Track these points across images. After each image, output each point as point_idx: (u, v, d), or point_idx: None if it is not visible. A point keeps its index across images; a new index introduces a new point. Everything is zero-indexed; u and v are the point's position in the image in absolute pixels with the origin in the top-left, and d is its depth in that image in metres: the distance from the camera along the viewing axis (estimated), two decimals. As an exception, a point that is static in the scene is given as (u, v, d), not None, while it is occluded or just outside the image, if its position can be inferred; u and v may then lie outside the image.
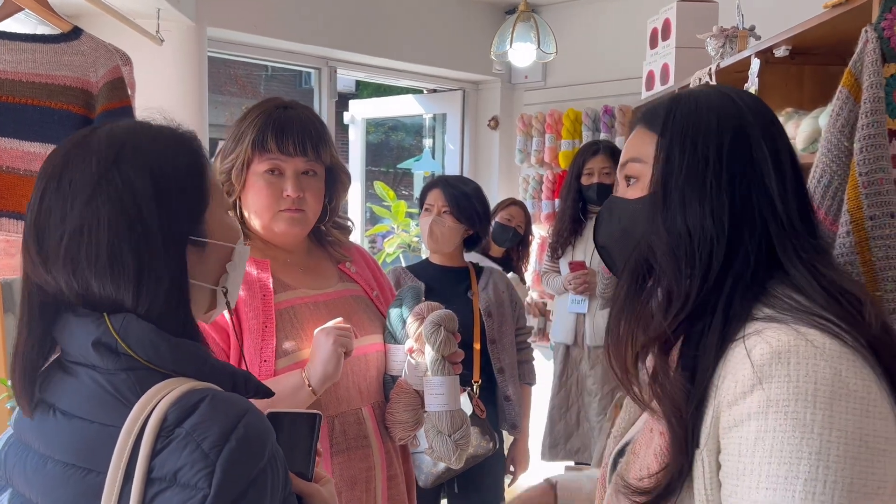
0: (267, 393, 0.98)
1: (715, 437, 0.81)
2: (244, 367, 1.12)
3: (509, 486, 2.68)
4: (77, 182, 0.87)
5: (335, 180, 1.62)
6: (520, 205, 3.92)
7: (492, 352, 2.52)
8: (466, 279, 2.59)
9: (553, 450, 3.61)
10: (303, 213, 1.53)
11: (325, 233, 1.68)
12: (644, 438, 0.93)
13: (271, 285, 1.51)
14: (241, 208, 1.56)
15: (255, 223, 1.55)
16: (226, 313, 1.11)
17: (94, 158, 0.88)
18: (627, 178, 0.99)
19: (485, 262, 3.36)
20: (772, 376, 0.76)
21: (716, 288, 0.86)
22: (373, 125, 8.19)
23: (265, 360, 1.45)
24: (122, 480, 0.81)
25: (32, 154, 1.81)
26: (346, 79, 6.84)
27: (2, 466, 0.94)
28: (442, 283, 2.55)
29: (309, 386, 1.41)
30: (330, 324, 1.46)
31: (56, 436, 0.88)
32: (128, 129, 0.94)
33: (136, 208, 0.87)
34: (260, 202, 1.52)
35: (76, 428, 0.87)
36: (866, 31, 1.37)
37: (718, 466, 0.81)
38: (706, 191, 0.87)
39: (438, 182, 2.58)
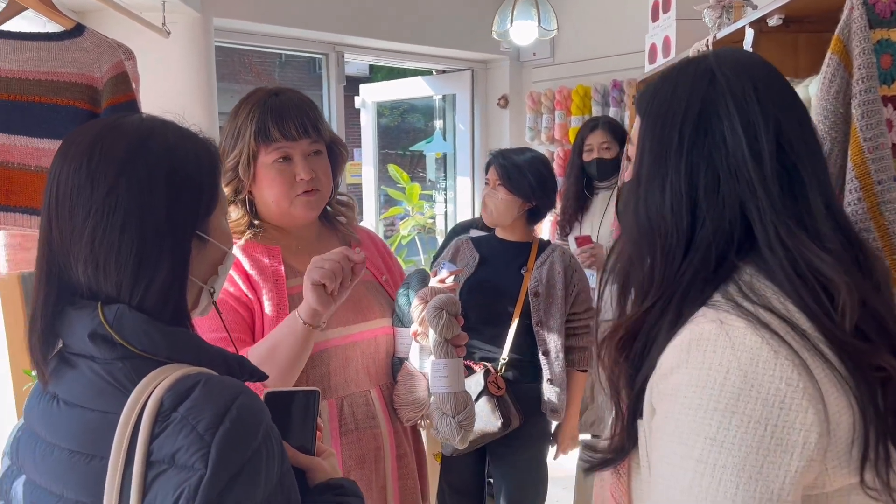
0: (261, 376, 1.02)
1: (651, 409, 0.83)
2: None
3: (555, 458, 2.61)
4: (105, 163, 0.91)
5: (335, 156, 1.64)
6: None
7: (537, 333, 2.44)
8: (525, 254, 2.51)
9: None
10: (318, 192, 1.56)
11: (334, 212, 1.70)
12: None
13: (283, 271, 1.55)
14: (250, 201, 1.58)
15: (272, 212, 1.57)
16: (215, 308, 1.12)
17: (124, 142, 0.92)
18: (628, 159, 1.00)
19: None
20: (687, 362, 0.78)
21: (676, 277, 0.85)
22: (386, 108, 8.20)
23: None
24: (123, 464, 0.85)
25: (42, 150, 1.85)
26: (360, 63, 6.84)
27: (15, 454, 0.99)
28: (498, 257, 2.52)
29: (301, 320, 1.39)
30: (328, 254, 1.40)
31: (60, 424, 0.92)
32: (158, 121, 0.98)
33: (150, 195, 0.90)
34: (275, 190, 1.53)
35: (78, 416, 0.91)
36: (851, -1, 1.37)
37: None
38: (667, 179, 0.85)
39: (495, 155, 2.52)
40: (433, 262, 2.85)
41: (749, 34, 1.86)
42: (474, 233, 2.75)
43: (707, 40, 2.12)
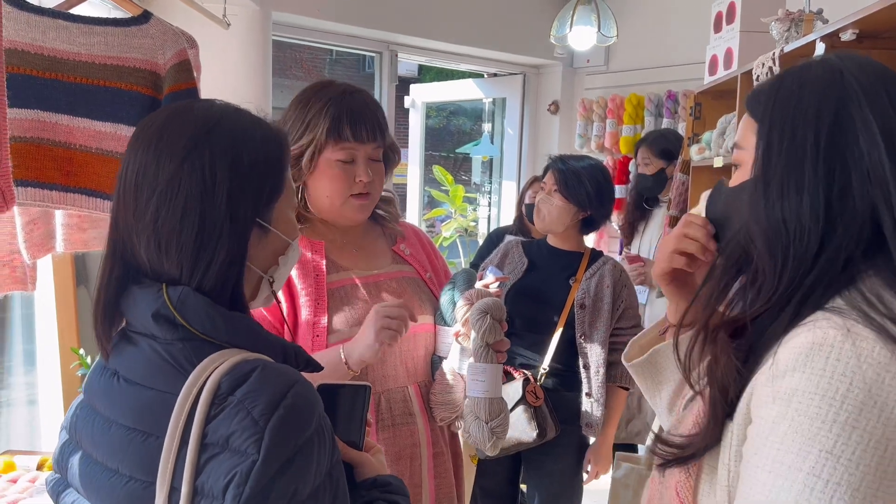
0: (316, 367, 1.02)
1: (746, 411, 0.80)
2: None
3: (586, 482, 2.55)
4: (172, 145, 0.92)
5: (388, 159, 1.66)
6: None
7: (579, 345, 2.39)
8: (575, 264, 2.47)
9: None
10: (370, 197, 1.58)
11: (378, 210, 1.71)
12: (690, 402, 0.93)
13: (324, 266, 1.56)
14: (303, 192, 1.60)
15: (324, 207, 1.58)
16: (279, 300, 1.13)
17: (191, 126, 0.94)
18: (734, 165, 0.98)
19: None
20: (806, 366, 0.74)
21: (801, 280, 0.82)
22: (433, 109, 8.22)
23: (317, 336, 1.50)
24: (178, 444, 0.85)
25: (104, 133, 1.88)
26: (410, 64, 6.87)
27: (73, 429, 1.00)
28: (546, 264, 2.48)
29: (345, 363, 1.45)
30: (386, 304, 1.47)
31: (119, 401, 0.93)
32: (228, 107, 0.99)
33: (212, 181, 0.91)
34: (332, 187, 1.55)
35: (136, 394, 0.92)
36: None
37: (744, 439, 0.80)
38: (804, 181, 0.83)
39: (554, 160, 2.48)
40: (470, 265, 2.84)
41: (819, 48, 1.81)
42: (508, 238, 2.73)
43: (774, 53, 2.07)
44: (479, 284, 1.69)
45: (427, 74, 9.55)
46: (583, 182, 2.37)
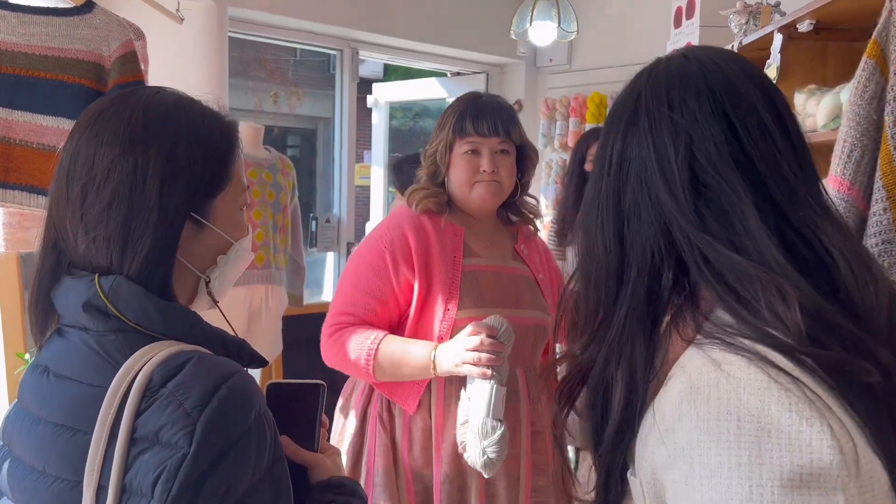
0: (262, 362, 0.98)
1: (651, 468, 0.74)
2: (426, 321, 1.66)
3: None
4: (107, 132, 0.90)
5: (524, 157, 1.85)
6: None
7: None
8: None
9: (584, 435, 3.61)
10: (497, 183, 1.77)
11: (517, 208, 1.90)
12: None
13: (461, 251, 1.77)
14: (447, 185, 1.80)
15: (457, 195, 1.80)
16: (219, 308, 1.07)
17: (129, 113, 0.91)
18: None
19: None
20: (691, 414, 0.69)
21: (609, 316, 0.79)
22: (398, 110, 8.17)
23: (448, 310, 1.71)
24: (106, 440, 0.81)
25: (45, 128, 1.81)
26: (375, 65, 6.81)
27: (4, 435, 0.95)
28: None
29: (434, 369, 1.64)
30: (476, 338, 1.58)
31: (48, 397, 0.89)
32: (174, 96, 0.95)
33: (144, 170, 0.88)
34: (460, 176, 1.77)
35: (66, 389, 0.88)
36: (890, 1, 1.32)
37: (657, 496, 0.75)
38: (596, 205, 0.82)
39: None
40: None
41: (777, 39, 1.81)
42: None
43: (732, 45, 2.07)
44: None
45: (392, 76, 9.51)
46: None
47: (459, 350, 1.60)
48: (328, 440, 1.27)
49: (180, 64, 2.99)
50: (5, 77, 1.77)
